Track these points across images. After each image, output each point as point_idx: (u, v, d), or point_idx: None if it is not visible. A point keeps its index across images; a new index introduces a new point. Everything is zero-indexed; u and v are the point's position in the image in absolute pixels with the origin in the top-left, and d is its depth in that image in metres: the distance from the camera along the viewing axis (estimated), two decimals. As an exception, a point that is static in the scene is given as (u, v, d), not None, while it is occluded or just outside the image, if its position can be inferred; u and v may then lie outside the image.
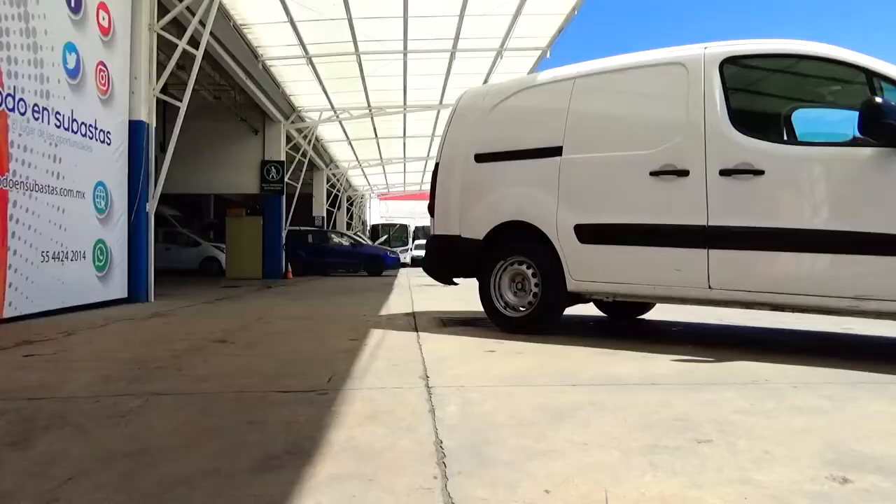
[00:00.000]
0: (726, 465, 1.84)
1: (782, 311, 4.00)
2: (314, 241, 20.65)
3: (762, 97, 4.77)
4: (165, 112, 11.47)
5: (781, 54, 4.14)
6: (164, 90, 8.82)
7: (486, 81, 14.20)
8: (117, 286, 7.74)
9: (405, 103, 17.07)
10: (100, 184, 7.34)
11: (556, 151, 4.75)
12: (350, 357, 3.74)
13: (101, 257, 7.33)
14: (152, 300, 8.23)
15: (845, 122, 3.88)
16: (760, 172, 3.86)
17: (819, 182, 3.79)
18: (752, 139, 3.96)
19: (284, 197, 17.47)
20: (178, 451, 1.99)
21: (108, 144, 7.54)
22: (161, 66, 8.82)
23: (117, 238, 7.76)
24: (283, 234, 17.50)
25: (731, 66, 4.19)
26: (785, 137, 4.55)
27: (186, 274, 17.61)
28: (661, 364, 3.49)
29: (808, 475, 1.75)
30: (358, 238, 23.69)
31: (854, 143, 3.67)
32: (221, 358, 3.79)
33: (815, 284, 3.73)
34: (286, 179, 17.44)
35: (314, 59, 13.39)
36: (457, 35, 12.35)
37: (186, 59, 9.67)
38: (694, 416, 2.37)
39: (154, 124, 8.58)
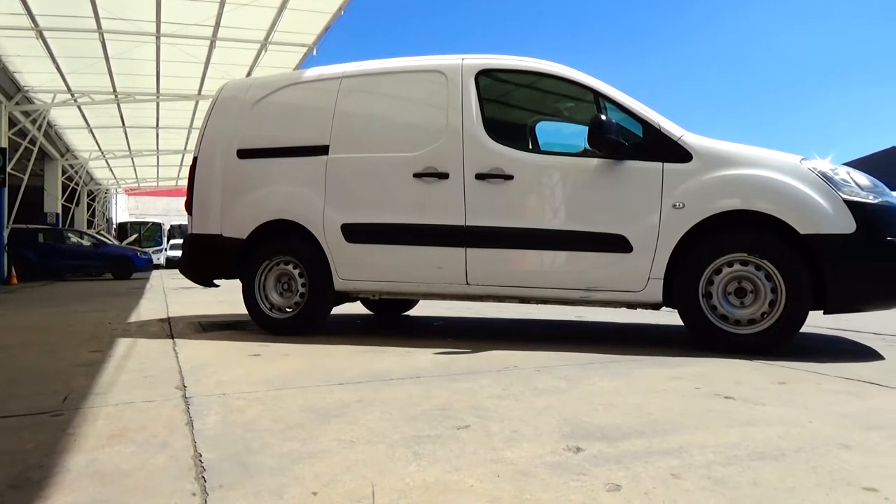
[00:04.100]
0: (482, 448, 1.98)
1: (528, 302, 4.43)
2: (47, 242, 18.04)
3: (511, 108, 5.24)
4: None
5: (527, 70, 4.58)
6: None
7: (249, 74, 13.65)
8: None
9: (158, 91, 15.73)
10: None
11: (322, 150, 4.72)
12: (91, 371, 3.33)
13: None
14: None
15: (578, 134, 4.42)
16: (510, 177, 4.23)
17: (557, 187, 4.27)
18: (503, 146, 4.32)
19: (7, 190, 14.96)
20: None
21: None
22: None
23: None
24: (5, 233, 15.01)
25: (485, 78, 4.54)
26: (530, 146, 5.05)
27: None
28: (424, 358, 3.65)
29: (549, 448, 1.96)
30: (102, 237, 21.22)
31: (585, 153, 4.20)
32: (-83, 382, 3.13)
33: (554, 278, 4.21)
34: (8, 170, 14.95)
35: (45, 34, 11.71)
36: (217, 22, 11.70)
37: None
38: (454, 405, 2.52)
39: None
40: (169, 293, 10.20)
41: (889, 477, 1.69)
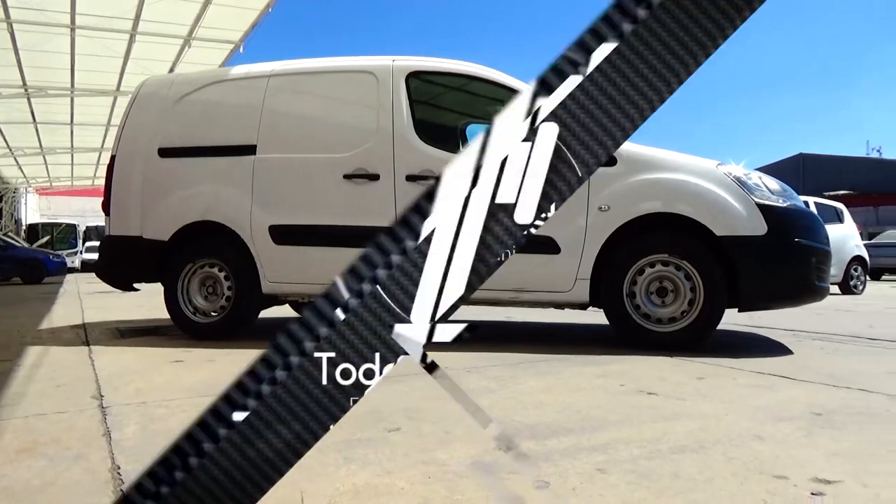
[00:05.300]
0: (413, 449, 1.97)
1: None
2: (-53, 244, 16.86)
3: (442, 110, 5.27)
4: None
5: (457, 73, 4.61)
6: None
7: (172, 70, 13.19)
8: None
9: (73, 85, 14.96)
10: None
11: (249, 150, 4.60)
12: (-2, 381, 3.13)
13: None
14: None
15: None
16: (441, 179, 4.24)
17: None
18: (434, 148, 4.33)
19: None
20: None
21: None
22: None
23: None
24: None
25: (416, 80, 4.54)
26: (461, 148, 5.08)
27: None
28: (355, 360, 3.61)
29: (480, 448, 1.97)
30: (9, 240, 20.00)
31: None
32: None
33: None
34: None
35: (-55, 21, 10.95)
36: (137, 15, 11.25)
37: None
38: (386, 407, 2.50)
39: None
40: (84, 298, 9.71)
41: (797, 465, 1.79)
